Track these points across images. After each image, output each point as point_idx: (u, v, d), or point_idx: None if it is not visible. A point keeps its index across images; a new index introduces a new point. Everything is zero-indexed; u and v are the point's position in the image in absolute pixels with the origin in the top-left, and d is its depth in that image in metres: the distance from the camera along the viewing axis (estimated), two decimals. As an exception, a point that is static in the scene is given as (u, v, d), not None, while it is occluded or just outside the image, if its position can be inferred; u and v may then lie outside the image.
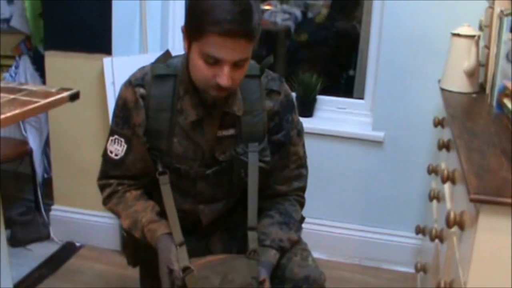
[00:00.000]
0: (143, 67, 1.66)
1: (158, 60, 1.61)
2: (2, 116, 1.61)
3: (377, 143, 2.82)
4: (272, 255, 1.61)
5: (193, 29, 1.45)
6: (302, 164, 1.76)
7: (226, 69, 1.44)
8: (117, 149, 1.66)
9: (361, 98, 3.00)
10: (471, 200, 1.20)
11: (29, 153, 3.12)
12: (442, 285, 1.48)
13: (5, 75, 3.17)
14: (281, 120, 1.68)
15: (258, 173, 1.63)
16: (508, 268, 1.22)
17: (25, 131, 3.17)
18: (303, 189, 1.78)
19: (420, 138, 2.74)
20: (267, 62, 1.63)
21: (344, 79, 4.26)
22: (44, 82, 3.01)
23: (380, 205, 2.91)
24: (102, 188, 1.75)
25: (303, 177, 1.77)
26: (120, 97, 1.65)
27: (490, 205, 1.20)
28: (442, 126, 2.23)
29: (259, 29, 1.44)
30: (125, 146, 1.65)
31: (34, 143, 3.17)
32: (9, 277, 2.13)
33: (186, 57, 1.55)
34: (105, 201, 1.74)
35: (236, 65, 1.45)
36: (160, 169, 1.63)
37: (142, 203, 1.69)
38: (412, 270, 2.63)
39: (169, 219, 1.60)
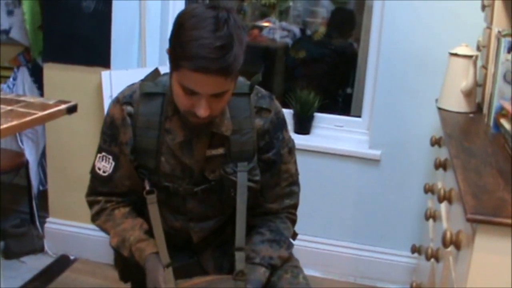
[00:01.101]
0: (132, 85, 1.65)
1: (147, 78, 1.59)
2: (-1, 127, 1.61)
3: (374, 161, 2.83)
4: (261, 273, 1.59)
5: (171, 58, 1.43)
6: (293, 181, 1.73)
7: (203, 101, 1.41)
8: (105, 166, 1.65)
9: (359, 116, 3.01)
10: (468, 220, 1.20)
11: (25, 165, 3.11)
12: (438, 305, 1.47)
13: (3, 86, 3.17)
14: (272, 139, 1.65)
15: (247, 193, 1.60)
16: (504, 289, 1.22)
17: (22, 143, 3.16)
18: (294, 206, 1.76)
19: (417, 157, 2.74)
20: (255, 79, 1.60)
21: (341, 97, 4.26)
22: (41, 94, 3.01)
23: (376, 223, 2.90)
24: (90, 204, 1.74)
25: (294, 194, 1.75)
26: (108, 114, 1.64)
27: (486, 225, 1.19)
28: (439, 145, 2.23)
29: (237, 63, 1.38)
30: (113, 163, 1.64)
31: (30, 155, 3.16)
32: (2, 290, 2.12)
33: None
34: (94, 218, 1.73)
35: (215, 96, 1.42)
36: (147, 187, 1.61)
37: (130, 221, 1.67)
38: (407, 290, 2.62)
39: (156, 240, 1.58)
